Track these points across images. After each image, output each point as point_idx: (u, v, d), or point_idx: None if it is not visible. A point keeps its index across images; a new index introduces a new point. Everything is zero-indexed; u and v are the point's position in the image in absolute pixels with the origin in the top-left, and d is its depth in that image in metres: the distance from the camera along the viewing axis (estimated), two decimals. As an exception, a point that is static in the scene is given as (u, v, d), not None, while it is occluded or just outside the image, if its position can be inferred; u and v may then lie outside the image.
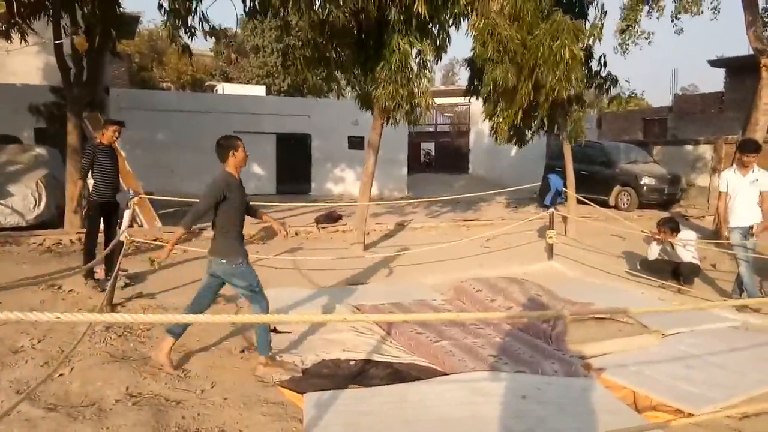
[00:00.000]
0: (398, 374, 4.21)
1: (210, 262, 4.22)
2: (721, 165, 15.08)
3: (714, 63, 21.48)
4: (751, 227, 6.26)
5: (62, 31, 9.37)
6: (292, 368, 4.21)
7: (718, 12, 9.80)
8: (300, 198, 16.50)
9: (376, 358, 4.47)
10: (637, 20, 9.24)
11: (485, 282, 6.55)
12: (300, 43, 9.02)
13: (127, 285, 6.40)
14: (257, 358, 4.28)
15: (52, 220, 9.60)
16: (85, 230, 6.53)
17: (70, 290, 6.12)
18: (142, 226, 9.79)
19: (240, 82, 27.44)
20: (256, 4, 8.24)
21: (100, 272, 6.63)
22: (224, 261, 4.15)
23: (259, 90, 25.10)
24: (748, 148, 6.37)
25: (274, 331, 4.95)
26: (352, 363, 4.33)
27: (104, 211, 6.49)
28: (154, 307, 5.77)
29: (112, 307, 5.56)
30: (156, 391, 3.78)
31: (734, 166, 6.55)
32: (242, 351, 4.58)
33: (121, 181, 6.96)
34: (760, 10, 10.09)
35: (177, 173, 15.81)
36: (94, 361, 4.19)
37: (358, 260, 8.33)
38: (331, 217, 11.04)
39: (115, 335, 4.75)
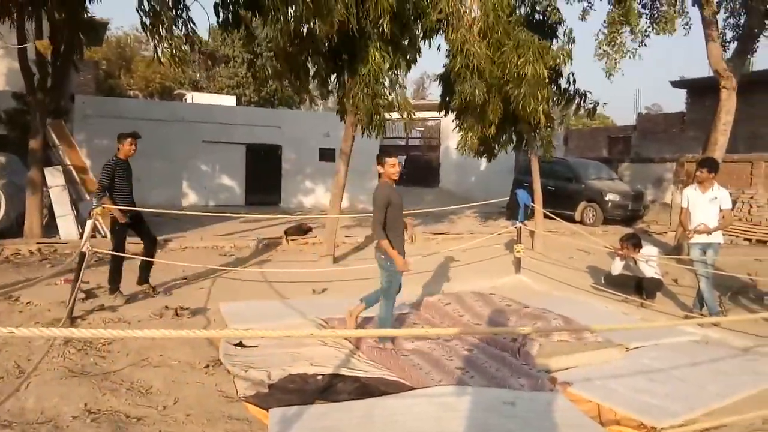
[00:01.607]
0: (366, 389, 4.17)
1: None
2: (683, 182, 15.56)
3: (676, 84, 22.19)
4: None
5: (26, 36, 9.14)
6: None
7: (690, 28, 10.15)
8: (270, 209, 16.35)
9: (344, 372, 4.43)
10: (622, 41, 9.51)
11: (454, 296, 6.57)
12: (271, 53, 8.99)
13: (85, 298, 6.22)
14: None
15: (11, 228, 9.30)
16: (112, 246, 6.54)
17: (28, 302, 5.93)
18: (105, 236, 9.55)
19: (210, 92, 27.17)
20: (230, 17, 8.19)
21: (62, 283, 6.47)
22: (383, 256, 5.00)
23: (230, 100, 24.88)
24: (705, 165, 6.58)
25: (240, 345, 4.87)
26: (319, 378, 4.28)
27: (131, 224, 6.48)
28: (116, 320, 5.61)
29: (72, 320, 5.40)
30: (116, 408, 3.67)
31: (695, 183, 6.75)
32: (206, 366, 4.48)
33: (82, 190, 6.81)
34: (719, 33, 10.45)
35: (144, 182, 15.47)
36: (51, 376, 4.05)
37: (327, 273, 8.28)
38: (301, 229, 10.96)
39: (74, 349, 4.60)
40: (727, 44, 10.72)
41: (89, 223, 6.06)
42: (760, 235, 12.40)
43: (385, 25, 7.30)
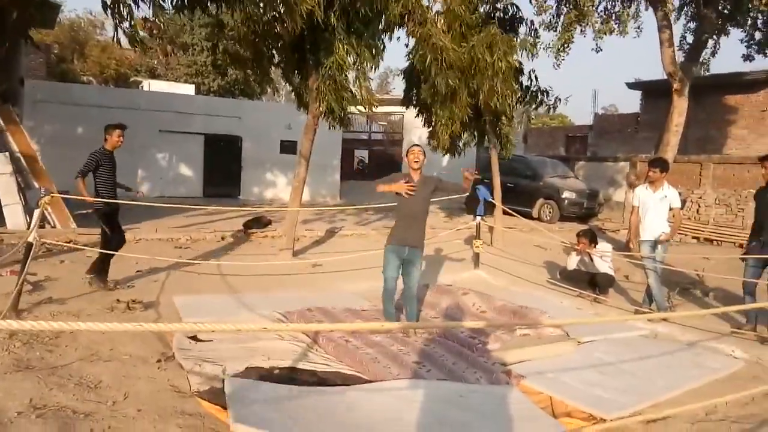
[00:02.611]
0: (324, 383, 4.16)
1: (406, 249, 5.21)
2: (634, 182, 16.05)
3: (631, 85, 22.83)
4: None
5: (-29, 15, 8.71)
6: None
7: (641, 31, 10.46)
8: (229, 202, 16.09)
9: (302, 366, 4.40)
10: (571, 40, 9.73)
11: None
12: (233, 42, 8.83)
13: (32, 290, 5.98)
14: None
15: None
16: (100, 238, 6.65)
17: (-30, 294, 5.65)
18: (54, 226, 9.23)
19: (168, 80, 26.49)
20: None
21: (7, 274, 6.22)
22: (420, 248, 5.27)
23: (188, 89, 24.31)
24: (657, 165, 6.78)
25: (194, 338, 4.77)
26: (276, 372, 4.23)
27: (114, 212, 6.54)
28: (64, 313, 5.41)
29: (18, 312, 5.18)
30: (63, 403, 3.54)
31: (646, 182, 6.96)
32: (158, 360, 4.36)
33: (32, 178, 6.55)
34: (681, 37, 10.81)
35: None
36: (-6, 371, 3.88)
37: (286, 266, 8.20)
38: (260, 222, 10.83)
39: (19, 342, 4.41)
40: (687, 48, 11.07)
41: (37, 213, 5.84)
42: (708, 234, 12.91)
43: (361, 11, 7.23)
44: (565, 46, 9.80)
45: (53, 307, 5.57)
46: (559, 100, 10.63)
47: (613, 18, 9.88)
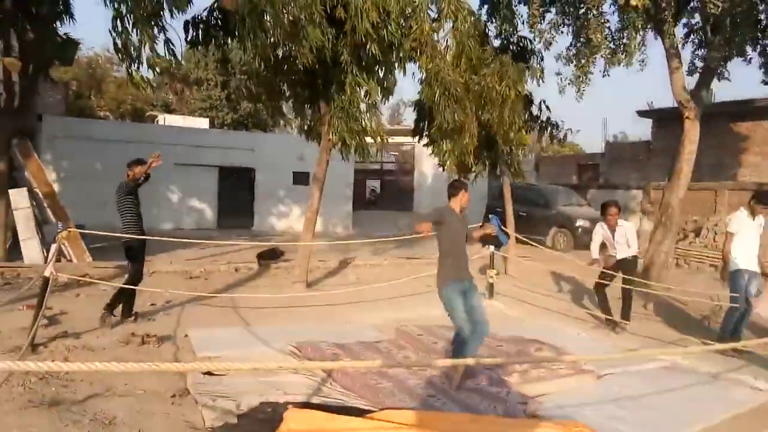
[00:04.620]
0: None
1: (466, 281, 5.09)
2: (648, 209, 15.93)
3: (642, 113, 22.83)
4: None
5: (-6, 53, 8.98)
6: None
7: (645, 65, 10.46)
8: (242, 233, 16.17)
9: (316, 401, 4.35)
10: (588, 71, 9.82)
11: (426, 328, 6.60)
12: (245, 76, 9.01)
13: (48, 325, 6.01)
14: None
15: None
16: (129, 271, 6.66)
17: (-13, 329, 5.70)
18: (70, 260, 9.31)
19: (182, 114, 26.97)
20: (199, 35, 8.19)
21: (24, 309, 6.27)
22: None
23: (203, 122, 24.71)
24: (762, 199, 6.53)
25: (209, 373, 4.75)
26: (290, 407, 4.18)
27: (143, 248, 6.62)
28: (80, 347, 5.43)
29: (34, 347, 5.20)
30: (78, 440, 3.53)
31: (746, 210, 6.67)
32: (173, 395, 4.35)
33: (49, 213, 6.65)
34: (690, 64, 10.83)
35: (111, 205, 15.17)
36: (11, 407, 3.88)
37: (300, 298, 8.18)
38: (274, 254, 10.84)
39: (35, 378, 4.43)
40: (696, 75, 11.07)
41: (54, 247, 5.91)
42: (725, 261, 12.70)
43: (373, 48, 7.36)
44: (585, 77, 9.88)
45: (69, 341, 5.59)
46: (570, 131, 10.70)
47: (621, 49, 9.92)
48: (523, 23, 10.54)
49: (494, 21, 10.81)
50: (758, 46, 10.07)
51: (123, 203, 6.51)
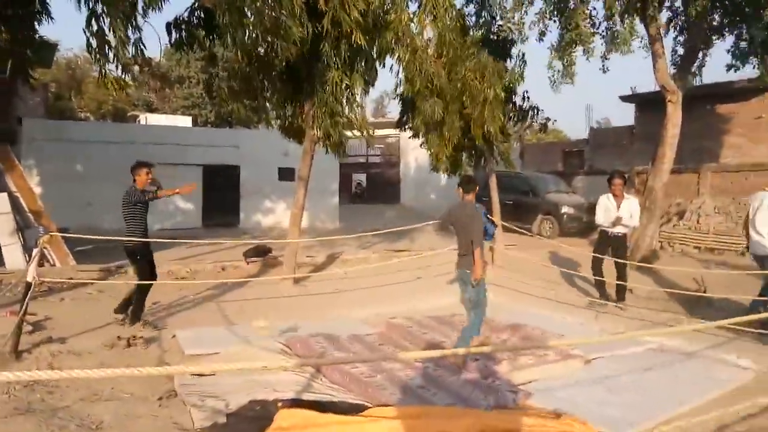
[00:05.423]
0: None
1: (459, 273, 5.59)
2: (635, 192, 16.03)
3: (625, 98, 22.96)
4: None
5: (-32, 58, 8.78)
6: None
7: (644, 45, 10.50)
8: (228, 231, 16.07)
9: (306, 397, 4.33)
10: (573, 62, 9.84)
11: (415, 320, 6.61)
12: (226, 73, 8.92)
13: (32, 331, 5.92)
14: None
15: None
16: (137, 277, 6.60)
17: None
18: (54, 264, 9.20)
19: (165, 113, 26.70)
20: (183, 36, 8.08)
21: (7, 315, 6.17)
22: (470, 272, 5.41)
23: (185, 121, 24.48)
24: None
25: (197, 374, 4.71)
26: (279, 404, 4.17)
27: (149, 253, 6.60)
28: (65, 352, 5.36)
29: (18, 354, 5.13)
30: (64, 446, 3.49)
31: None
32: (160, 398, 4.31)
33: (29, 217, 6.55)
34: (672, 50, 10.92)
35: (95, 207, 15.04)
36: (-6, 415, 3.83)
37: (287, 294, 8.15)
38: (260, 251, 10.79)
39: (19, 385, 4.37)
40: (679, 59, 11.15)
41: (36, 252, 5.82)
42: (709, 243, 12.85)
43: (359, 38, 7.31)
44: (569, 66, 9.93)
45: (54, 346, 5.52)
46: (548, 119, 10.80)
47: (616, 37, 9.94)
48: (505, 13, 10.53)
49: (474, 5, 10.82)
50: (735, 30, 10.14)
51: (130, 211, 6.44)
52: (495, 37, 10.72)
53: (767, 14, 8.76)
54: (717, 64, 12.79)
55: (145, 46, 6.68)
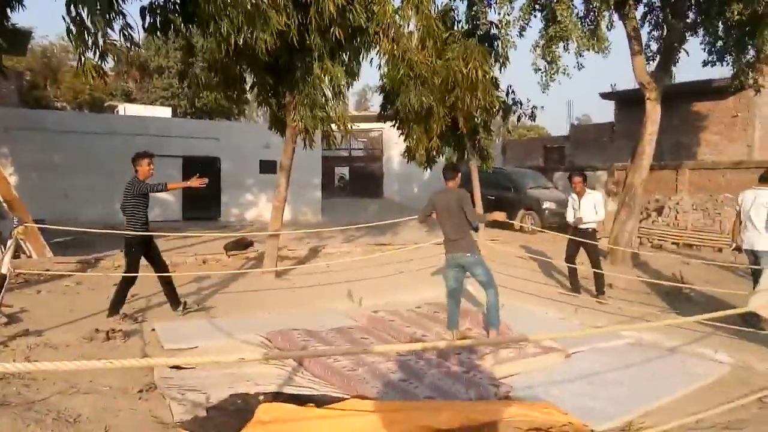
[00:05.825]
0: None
1: (454, 258, 5.61)
2: (615, 189, 16.26)
3: (605, 96, 23.21)
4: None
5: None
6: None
7: (610, 45, 10.55)
8: (209, 224, 15.92)
9: (288, 390, 4.31)
10: (558, 57, 9.83)
11: (397, 314, 6.61)
12: (205, 64, 8.79)
13: (8, 323, 5.81)
14: None
15: None
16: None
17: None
18: (30, 256, 9.02)
19: (144, 104, 26.29)
20: (157, 21, 7.92)
21: None
22: (469, 255, 5.49)
23: (165, 111, 24.13)
24: None
25: (177, 367, 4.66)
26: (261, 398, 4.14)
27: (146, 246, 6.47)
28: (42, 345, 5.26)
29: (-8, 347, 5.03)
30: (40, 440, 3.42)
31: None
32: (140, 390, 4.25)
33: (4, 207, 6.41)
34: (645, 46, 10.98)
35: (72, 198, 14.79)
36: (-33, 409, 3.74)
37: (269, 287, 8.10)
38: (241, 244, 10.70)
39: (-6, 379, 4.27)
40: (653, 57, 11.25)
41: (11, 243, 5.70)
42: (687, 239, 13.08)
43: (338, 32, 7.29)
44: (553, 62, 9.93)
45: (30, 339, 5.41)
46: (536, 108, 10.84)
47: (593, 35, 9.96)
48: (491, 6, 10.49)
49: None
50: (711, 27, 10.22)
51: (131, 203, 6.32)
52: (480, 32, 10.72)
53: (734, 10, 8.79)
54: (694, 61, 12.94)
55: (132, 29, 6.57)
